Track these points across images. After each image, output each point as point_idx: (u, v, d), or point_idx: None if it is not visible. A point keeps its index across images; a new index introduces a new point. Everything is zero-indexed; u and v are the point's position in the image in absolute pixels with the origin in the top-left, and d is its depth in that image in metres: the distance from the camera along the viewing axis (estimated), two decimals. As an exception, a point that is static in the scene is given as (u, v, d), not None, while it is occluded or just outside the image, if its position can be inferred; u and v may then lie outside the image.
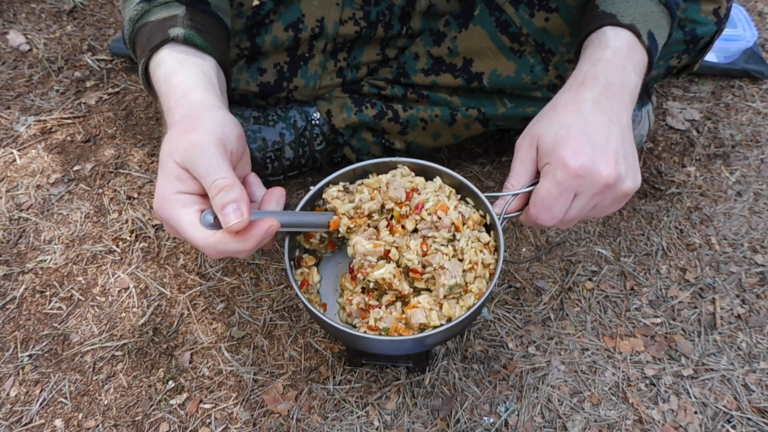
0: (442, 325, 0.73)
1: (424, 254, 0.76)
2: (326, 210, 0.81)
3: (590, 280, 1.05)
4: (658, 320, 1.00)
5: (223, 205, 0.63)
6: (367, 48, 1.08)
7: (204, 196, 0.66)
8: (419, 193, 0.79)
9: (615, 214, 1.15)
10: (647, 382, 0.93)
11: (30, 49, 1.46)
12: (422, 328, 0.74)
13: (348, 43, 1.05)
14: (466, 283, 0.76)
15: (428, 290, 0.78)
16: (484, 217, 0.80)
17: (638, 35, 0.74)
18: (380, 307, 0.76)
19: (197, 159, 0.65)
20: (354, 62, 1.08)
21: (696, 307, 1.02)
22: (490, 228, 0.80)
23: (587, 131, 0.69)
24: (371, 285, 0.77)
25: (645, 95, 1.16)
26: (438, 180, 0.82)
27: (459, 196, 0.82)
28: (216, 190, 0.63)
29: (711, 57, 1.42)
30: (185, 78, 0.74)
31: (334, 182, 0.83)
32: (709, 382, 0.93)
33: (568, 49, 0.97)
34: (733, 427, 0.88)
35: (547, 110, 0.75)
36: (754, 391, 0.92)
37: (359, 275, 0.77)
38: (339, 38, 1.03)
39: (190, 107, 0.71)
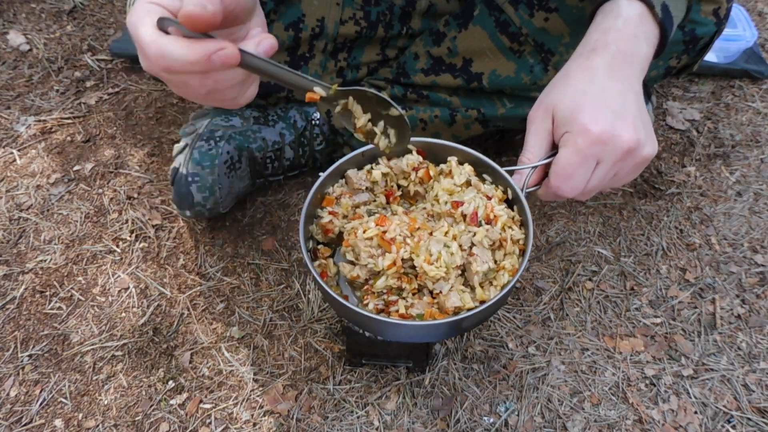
0: (476, 307, 0.70)
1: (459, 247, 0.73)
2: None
3: (590, 280, 1.05)
4: (658, 320, 1.00)
5: None
6: (368, 48, 1.08)
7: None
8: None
9: (615, 213, 1.15)
10: (647, 382, 0.93)
11: (30, 49, 1.46)
12: (456, 311, 0.71)
13: (348, 43, 1.05)
14: (496, 262, 0.74)
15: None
16: (505, 191, 0.77)
17: (651, 7, 0.72)
18: (404, 299, 0.74)
19: None
20: (354, 62, 1.08)
21: (696, 307, 1.02)
22: (512, 203, 0.77)
23: (604, 96, 0.67)
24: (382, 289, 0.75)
25: (645, 95, 1.16)
26: (464, 167, 0.80)
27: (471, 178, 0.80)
28: None
29: (711, 57, 1.42)
30: None
31: (343, 168, 0.81)
32: (709, 382, 0.93)
33: (567, 49, 0.97)
34: (733, 427, 0.88)
35: (559, 79, 0.73)
36: (754, 391, 0.92)
37: (363, 288, 0.75)
38: (339, 38, 1.03)
39: None
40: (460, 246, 0.73)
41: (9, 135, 1.28)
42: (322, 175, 0.80)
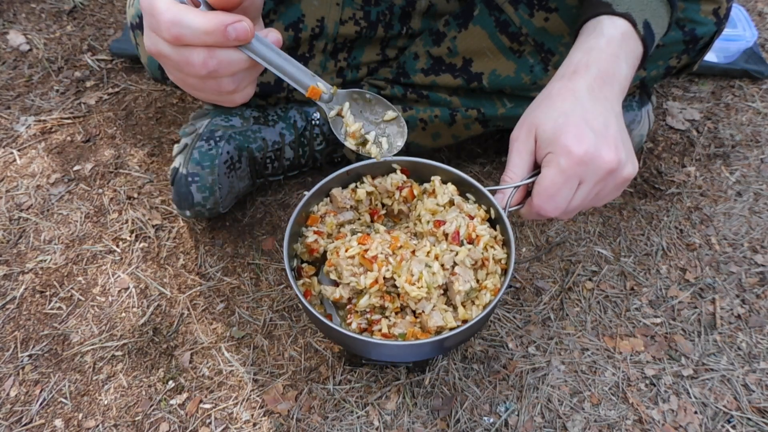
0: (459, 326, 0.71)
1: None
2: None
3: (590, 280, 1.05)
4: (658, 320, 1.00)
5: None
6: (367, 48, 1.08)
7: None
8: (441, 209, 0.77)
9: (615, 213, 1.15)
10: (647, 382, 0.93)
11: (30, 49, 1.46)
12: (438, 330, 0.72)
13: (348, 43, 1.05)
14: (478, 281, 0.75)
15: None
16: (488, 211, 0.79)
17: (634, 24, 0.73)
18: (387, 318, 0.75)
19: None
20: (354, 62, 1.08)
21: (696, 307, 1.02)
22: (494, 222, 0.78)
23: (586, 117, 0.69)
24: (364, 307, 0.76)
25: (645, 95, 1.16)
26: (447, 186, 0.81)
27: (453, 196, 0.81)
28: None
29: (711, 57, 1.42)
30: None
31: (327, 187, 0.82)
32: (709, 382, 0.93)
33: (567, 49, 0.96)
34: (733, 427, 0.88)
35: (541, 99, 0.74)
36: (754, 391, 0.92)
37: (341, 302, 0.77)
38: (339, 38, 1.03)
39: None
40: (442, 265, 0.74)
41: (9, 135, 1.28)
42: (307, 193, 0.81)
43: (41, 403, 0.91)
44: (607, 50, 0.72)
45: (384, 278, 0.74)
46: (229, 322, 1.00)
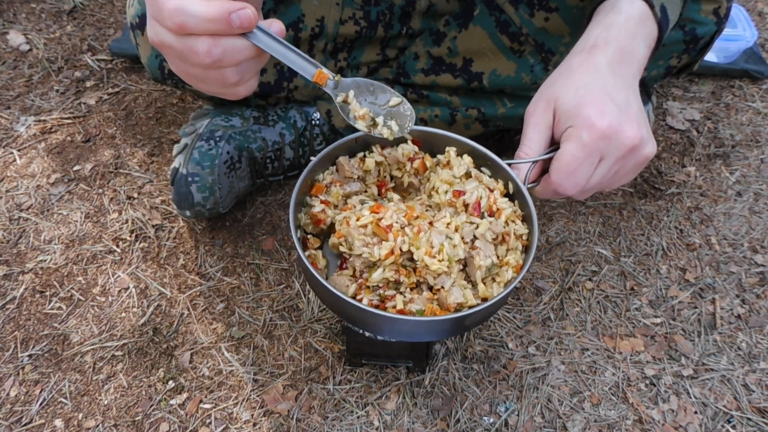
0: (479, 304, 0.66)
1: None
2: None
3: (590, 280, 1.05)
4: (658, 320, 1.00)
5: None
6: (367, 48, 1.08)
7: None
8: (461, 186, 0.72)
9: (615, 213, 1.15)
10: (647, 382, 0.93)
11: (30, 49, 1.46)
12: (458, 308, 0.67)
13: (348, 42, 1.05)
14: (499, 258, 0.70)
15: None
16: (505, 186, 0.74)
17: (651, 6, 0.72)
18: (402, 294, 0.69)
19: None
20: (354, 62, 1.08)
21: (696, 307, 1.02)
22: (512, 198, 0.74)
23: (609, 91, 0.66)
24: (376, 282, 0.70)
25: (645, 95, 1.16)
26: (463, 158, 0.76)
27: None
28: None
29: (711, 57, 1.41)
30: None
31: (334, 154, 0.77)
32: (709, 382, 0.93)
33: (568, 49, 0.96)
34: (733, 427, 0.88)
35: (559, 73, 0.72)
36: (754, 391, 0.92)
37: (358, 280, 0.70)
38: (339, 38, 1.03)
39: None
40: (462, 238, 0.69)
41: (9, 135, 1.28)
42: (314, 159, 0.76)
43: (41, 403, 0.91)
44: (626, 27, 0.70)
45: (400, 251, 0.68)
46: (229, 322, 1.00)
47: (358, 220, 0.70)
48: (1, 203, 1.16)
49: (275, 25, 0.59)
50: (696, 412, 0.90)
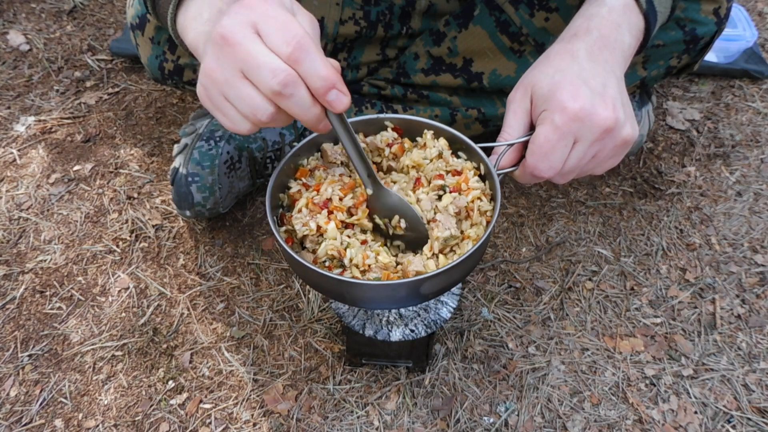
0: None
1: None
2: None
3: (590, 280, 1.05)
4: (658, 320, 1.00)
5: (328, 88, 0.57)
6: (367, 48, 1.08)
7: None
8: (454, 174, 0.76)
9: (615, 213, 1.15)
10: (647, 382, 0.93)
11: (30, 49, 1.46)
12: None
13: (348, 43, 1.05)
14: (462, 232, 0.74)
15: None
16: (478, 168, 0.77)
17: None
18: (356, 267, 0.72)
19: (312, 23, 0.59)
20: (354, 62, 1.08)
21: (696, 307, 1.02)
22: (484, 178, 0.78)
23: (583, 76, 0.68)
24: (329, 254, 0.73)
25: (645, 95, 1.16)
26: (439, 141, 0.80)
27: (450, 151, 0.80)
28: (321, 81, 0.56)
29: (711, 57, 1.42)
30: None
31: (319, 141, 0.81)
32: (709, 382, 0.93)
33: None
34: (733, 427, 0.88)
35: (539, 61, 0.73)
36: (754, 391, 0.92)
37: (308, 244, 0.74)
38: (339, 38, 1.03)
39: None
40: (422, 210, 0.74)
41: (9, 135, 1.28)
42: (297, 145, 0.79)
43: (41, 403, 0.91)
44: (608, 18, 0.72)
45: (342, 222, 0.73)
46: (229, 322, 1.00)
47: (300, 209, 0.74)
48: (1, 203, 1.16)
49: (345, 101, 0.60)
50: (696, 412, 0.90)
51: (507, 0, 0.96)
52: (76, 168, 1.22)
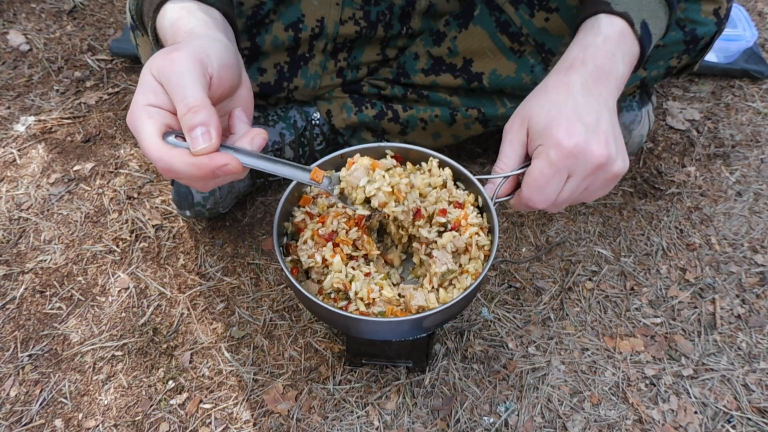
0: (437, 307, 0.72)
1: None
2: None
3: (590, 280, 1.05)
4: (658, 320, 1.00)
5: (191, 127, 0.60)
6: (367, 48, 1.08)
7: (174, 114, 0.63)
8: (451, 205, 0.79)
9: (615, 213, 1.15)
10: (647, 382, 0.93)
11: (30, 49, 1.46)
12: (420, 311, 0.73)
13: (348, 43, 1.05)
14: (461, 266, 0.76)
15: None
16: (476, 200, 0.80)
17: (631, 24, 0.74)
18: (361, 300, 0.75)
19: (171, 74, 0.61)
20: (354, 62, 1.08)
21: (696, 307, 1.02)
22: (482, 210, 0.80)
23: (578, 112, 0.69)
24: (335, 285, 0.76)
25: (645, 95, 1.16)
26: (444, 170, 0.82)
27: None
28: (184, 108, 0.60)
29: (711, 57, 1.42)
30: (191, 21, 0.69)
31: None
32: (709, 382, 0.93)
33: (568, 49, 0.97)
34: (733, 427, 0.88)
35: (536, 92, 0.75)
36: (754, 391, 0.92)
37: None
38: (339, 38, 1.03)
39: (189, 37, 0.67)
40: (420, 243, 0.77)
41: (9, 135, 1.28)
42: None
43: (41, 403, 0.91)
44: (603, 48, 0.73)
45: (346, 254, 0.75)
46: (229, 322, 1.00)
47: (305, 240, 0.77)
48: (1, 203, 1.16)
49: (257, 140, 0.65)
50: (696, 412, 0.90)
51: (507, 0, 0.97)
52: (76, 168, 1.22)
